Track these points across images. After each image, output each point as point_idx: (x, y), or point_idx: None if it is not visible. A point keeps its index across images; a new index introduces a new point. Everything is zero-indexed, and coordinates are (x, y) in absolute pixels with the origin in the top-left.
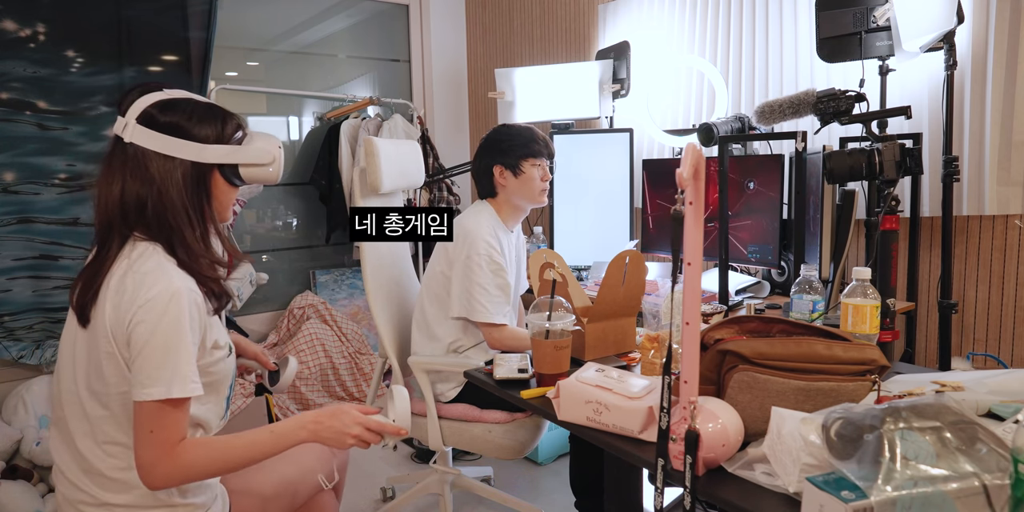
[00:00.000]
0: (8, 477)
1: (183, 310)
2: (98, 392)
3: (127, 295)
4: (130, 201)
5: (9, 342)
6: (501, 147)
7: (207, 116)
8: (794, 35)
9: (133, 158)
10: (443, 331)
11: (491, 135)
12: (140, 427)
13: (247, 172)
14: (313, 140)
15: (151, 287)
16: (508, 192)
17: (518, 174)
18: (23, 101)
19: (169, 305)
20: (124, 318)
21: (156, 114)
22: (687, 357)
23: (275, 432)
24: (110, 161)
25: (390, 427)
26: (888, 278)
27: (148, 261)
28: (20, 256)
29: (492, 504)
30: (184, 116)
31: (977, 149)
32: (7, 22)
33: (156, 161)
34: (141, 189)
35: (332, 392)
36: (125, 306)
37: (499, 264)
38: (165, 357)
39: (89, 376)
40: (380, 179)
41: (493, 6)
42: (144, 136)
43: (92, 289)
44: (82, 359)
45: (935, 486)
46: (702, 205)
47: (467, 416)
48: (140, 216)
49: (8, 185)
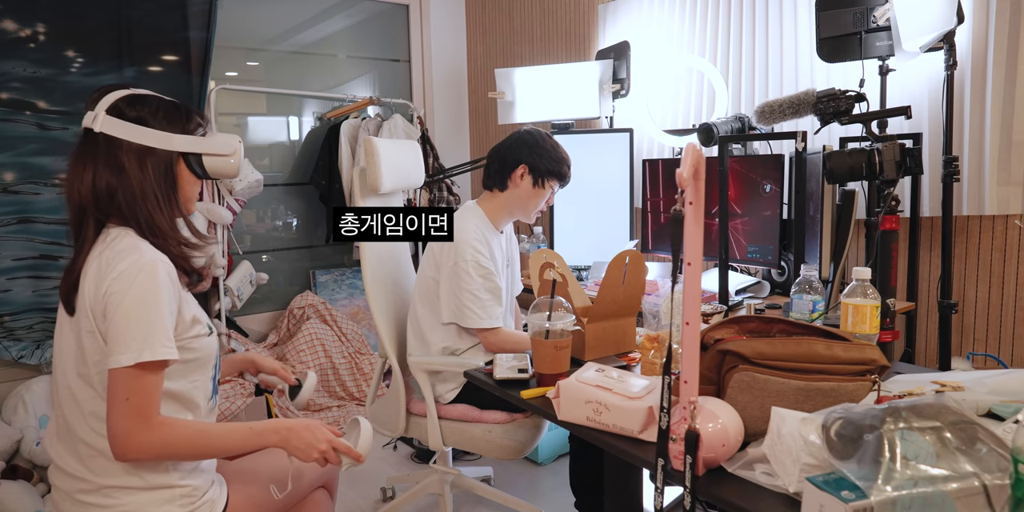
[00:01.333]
0: (8, 477)
1: (155, 278)
2: (84, 375)
3: (102, 270)
4: (101, 189)
5: (9, 342)
6: (543, 152)
7: (172, 110)
8: (794, 35)
9: (104, 148)
10: (435, 336)
11: (536, 136)
12: (114, 395)
13: (210, 162)
14: (313, 140)
15: (123, 260)
16: (514, 195)
17: (536, 185)
18: (23, 101)
19: (140, 274)
20: (100, 292)
21: (124, 107)
22: (687, 357)
23: (253, 429)
24: (80, 153)
25: (353, 452)
26: (888, 278)
27: (122, 241)
28: (20, 256)
29: (492, 504)
30: (151, 110)
31: (977, 149)
32: (7, 22)
33: (126, 150)
34: (111, 177)
35: (332, 392)
36: (101, 282)
37: (487, 269)
38: (137, 323)
39: (76, 361)
40: (380, 179)
41: (493, 6)
42: (113, 126)
43: (73, 276)
44: (70, 347)
45: (935, 486)
46: (702, 205)
47: (467, 417)
48: (111, 203)
49: (8, 185)
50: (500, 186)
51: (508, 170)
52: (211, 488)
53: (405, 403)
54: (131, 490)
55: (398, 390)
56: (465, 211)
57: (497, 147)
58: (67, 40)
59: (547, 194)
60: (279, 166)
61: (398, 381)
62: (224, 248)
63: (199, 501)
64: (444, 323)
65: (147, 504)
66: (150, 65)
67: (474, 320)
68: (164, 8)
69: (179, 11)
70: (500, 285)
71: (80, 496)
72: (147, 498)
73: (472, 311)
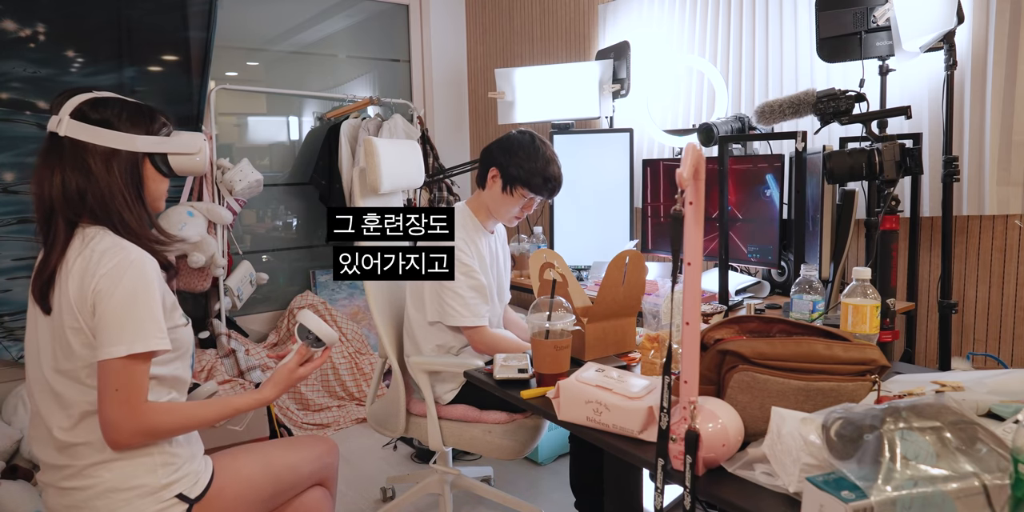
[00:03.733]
0: (8, 477)
1: (144, 273)
2: (66, 370)
3: (89, 269)
4: (71, 191)
5: (9, 342)
6: (516, 159)
7: (136, 112)
8: (794, 35)
9: (71, 151)
10: (424, 335)
11: (519, 141)
12: (106, 386)
13: (176, 161)
14: (313, 140)
15: (110, 259)
16: (488, 196)
17: (505, 190)
18: (23, 101)
19: (128, 269)
20: (87, 291)
21: (88, 110)
22: (687, 357)
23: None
24: (46, 156)
25: (318, 362)
26: (888, 278)
27: (103, 241)
28: (20, 256)
29: (492, 504)
30: (114, 112)
31: (977, 149)
32: (7, 22)
33: (91, 152)
34: (80, 179)
35: (332, 392)
36: (87, 280)
37: (468, 266)
38: (127, 316)
39: (56, 358)
40: (380, 179)
41: (493, 6)
42: (78, 129)
43: (47, 274)
44: (46, 344)
45: (935, 486)
46: (702, 205)
47: (467, 417)
48: (82, 203)
49: (8, 185)
50: (481, 185)
51: (484, 170)
52: (194, 461)
53: (405, 403)
54: (109, 463)
55: (398, 390)
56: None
57: (488, 145)
58: (67, 40)
59: (517, 201)
60: (279, 166)
61: (398, 381)
62: (224, 248)
63: (181, 469)
64: (430, 322)
65: (128, 476)
66: (150, 65)
67: (456, 318)
68: (164, 8)
69: (179, 11)
70: (482, 281)
71: (63, 483)
72: (128, 468)
73: (454, 309)
